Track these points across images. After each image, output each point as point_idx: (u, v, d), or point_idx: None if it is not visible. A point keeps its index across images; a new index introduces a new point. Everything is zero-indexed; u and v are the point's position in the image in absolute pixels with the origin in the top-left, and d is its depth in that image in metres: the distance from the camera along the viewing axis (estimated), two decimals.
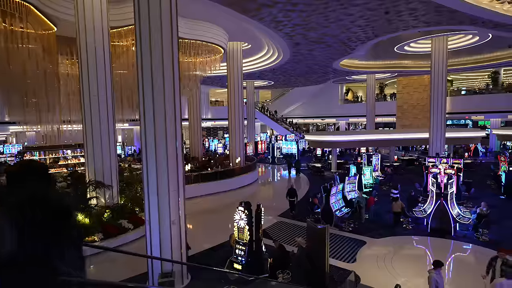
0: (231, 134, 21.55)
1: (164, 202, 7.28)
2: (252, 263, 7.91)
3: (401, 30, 15.86)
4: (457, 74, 39.31)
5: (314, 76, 31.07)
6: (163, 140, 7.19)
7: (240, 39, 20.15)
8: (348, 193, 13.88)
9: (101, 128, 11.72)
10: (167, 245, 7.35)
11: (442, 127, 19.92)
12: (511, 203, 14.86)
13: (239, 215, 7.98)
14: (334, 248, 10.28)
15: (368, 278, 8.31)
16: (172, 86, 7.39)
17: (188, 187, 17.44)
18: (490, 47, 22.16)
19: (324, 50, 20.04)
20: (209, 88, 42.73)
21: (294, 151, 30.81)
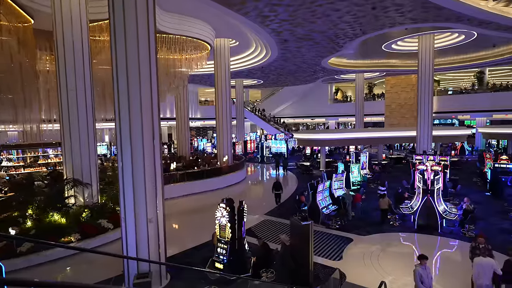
0: (218, 132, 21.20)
1: (141, 199, 6.92)
2: (234, 262, 7.60)
3: (388, 27, 15.82)
4: (444, 74, 39.88)
5: (303, 75, 31.00)
6: (139, 134, 6.83)
7: (227, 35, 19.84)
8: (336, 190, 13.70)
9: (79, 124, 11.24)
10: (144, 244, 6.98)
11: (429, 125, 20.02)
12: (496, 199, 14.93)
13: (221, 212, 7.67)
14: (320, 246, 10.06)
15: (354, 275, 8.10)
16: (149, 80, 7.02)
17: (173, 186, 17.26)
18: (476, 47, 22.46)
19: (312, 47, 19.92)
20: (198, 87, 42.27)
21: (284, 150, 30.61)
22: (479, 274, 6.34)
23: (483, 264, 6.34)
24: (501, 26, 15.91)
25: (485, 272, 6.28)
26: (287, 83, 37.56)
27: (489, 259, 6.47)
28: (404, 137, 23.13)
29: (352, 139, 22.24)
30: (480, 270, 6.33)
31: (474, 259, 6.61)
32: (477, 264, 6.41)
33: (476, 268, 6.43)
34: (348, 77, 34.23)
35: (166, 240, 10.86)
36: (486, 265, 6.32)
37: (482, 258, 6.51)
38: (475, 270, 6.42)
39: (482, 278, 6.30)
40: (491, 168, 16.29)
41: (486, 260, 6.39)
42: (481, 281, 6.30)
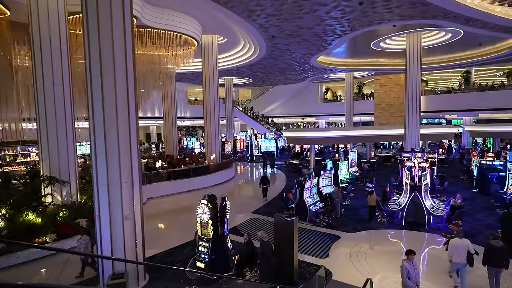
0: (206, 130, 20.85)
1: (116, 195, 6.55)
2: (216, 261, 7.29)
3: (376, 24, 15.75)
4: (432, 75, 40.37)
5: (293, 73, 30.86)
6: (113, 125, 6.46)
7: (214, 32, 19.51)
8: (324, 188, 13.52)
9: (57, 119, 10.76)
10: (119, 243, 6.61)
11: (417, 122, 20.06)
12: (483, 196, 15.00)
13: (202, 209, 7.35)
14: (307, 243, 9.84)
15: (340, 273, 7.90)
16: (125, 74, 6.63)
17: (159, 184, 16.83)
18: (462, 46, 22.67)
19: (301, 44, 19.75)
20: (188, 86, 41.75)
21: (273, 149, 30.42)
22: (453, 254, 6.84)
23: (458, 245, 6.84)
24: (487, 24, 16.02)
25: (460, 252, 6.79)
26: (277, 82, 37.37)
27: (464, 239, 6.93)
28: (393, 135, 23.17)
29: (340, 137, 22.15)
30: (455, 250, 6.82)
31: (450, 241, 7.10)
32: (452, 245, 6.90)
33: (451, 249, 6.92)
34: (337, 76, 34.25)
35: (148, 240, 10.51)
36: (461, 245, 6.81)
37: (457, 239, 6.97)
38: (450, 251, 6.92)
39: (457, 257, 6.80)
40: (478, 164, 16.37)
41: (461, 241, 6.88)
42: (457, 260, 6.80)
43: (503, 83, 30.74)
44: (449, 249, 7.02)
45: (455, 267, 6.95)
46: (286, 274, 6.90)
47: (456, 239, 7.02)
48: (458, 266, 6.90)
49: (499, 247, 6.62)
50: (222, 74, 31.13)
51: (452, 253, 6.87)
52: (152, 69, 17.32)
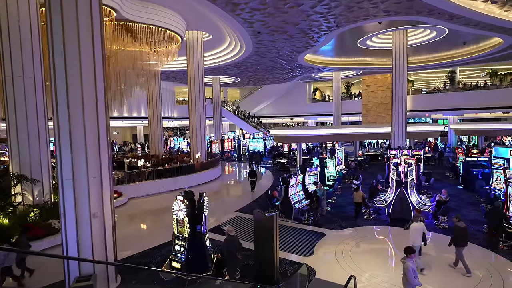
0: (191, 128, 20.39)
1: (82, 191, 6.08)
2: (193, 260, 6.89)
3: (361, 19, 15.62)
4: (418, 75, 40.87)
5: (280, 72, 30.64)
6: (79, 115, 6.00)
7: (199, 28, 19.10)
8: (310, 185, 13.25)
9: (27, 115, 10.18)
10: (87, 243, 6.14)
11: (403, 120, 20.05)
12: (468, 192, 15.02)
13: (178, 206, 6.94)
14: (292, 242, 9.53)
15: (324, 271, 7.60)
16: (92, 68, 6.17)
17: (141, 184, 16.25)
18: (447, 44, 22.86)
19: (287, 41, 19.51)
20: (175, 86, 41.08)
21: (261, 148, 30.12)
22: (413, 236, 7.50)
23: (417, 228, 7.51)
24: (470, 21, 16.09)
25: (418, 234, 7.50)
26: (265, 81, 37.12)
27: (420, 223, 7.62)
28: (380, 133, 23.15)
29: (328, 135, 21.99)
30: (414, 233, 7.50)
31: (411, 226, 7.71)
32: (413, 229, 7.55)
33: (411, 232, 7.57)
34: (325, 76, 34.24)
35: (125, 240, 10.04)
36: (418, 228, 7.50)
37: (415, 223, 7.63)
38: (411, 234, 7.54)
39: (417, 240, 7.47)
40: (463, 161, 16.42)
41: (418, 225, 7.55)
42: (416, 242, 7.44)
43: (487, 83, 31.28)
44: (410, 233, 7.59)
45: (417, 249, 7.44)
46: (267, 273, 6.55)
47: (415, 224, 7.62)
48: (417, 248, 7.52)
49: (463, 227, 7.60)
50: (209, 73, 30.71)
51: (412, 235, 7.51)
52: (133, 65, 16.74)
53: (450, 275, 7.35)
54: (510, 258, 8.10)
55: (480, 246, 8.90)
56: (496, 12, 15.63)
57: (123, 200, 14.42)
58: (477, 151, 17.54)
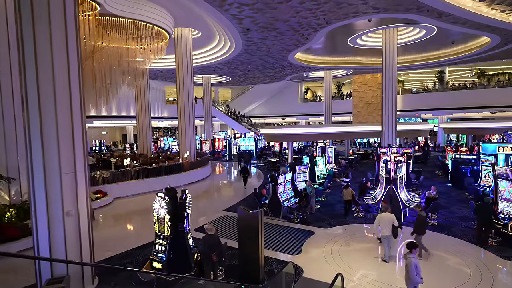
0: (180, 126, 20.05)
1: (55, 188, 5.72)
2: (175, 260, 6.58)
3: (351, 17, 15.52)
4: (408, 75, 41.21)
5: (271, 71, 30.46)
6: (51, 107, 5.65)
7: (187, 24, 18.77)
8: (299, 183, 13.05)
9: (3, 111, 9.72)
10: (60, 242, 5.78)
11: (393, 117, 20.04)
12: (457, 189, 15.04)
13: (159, 203, 6.63)
14: (280, 240, 9.28)
15: (312, 270, 7.37)
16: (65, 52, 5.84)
17: (128, 183, 15.81)
18: (436, 44, 23.00)
19: (277, 39, 19.32)
20: (165, 85, 40.54)
21: (252, 148, 29.89)
22: (380, 226, 7.56)
23: (384, 218, 7.55)
24: (458, 20, 16.15)
25: (386, 225, 7.50)
26: (256, 80, 36.90)
27: (389, 214, 7.66)
28: (370, 132, 23.15)
29: (318, 134, 21.89)
30: (381, 223, 7.53)
31: (378, 215, 7.78)
32: (381, 220, 7.57)
33: (380, 223, 7.58)
34: (317, 75, 34.19)
35: (107, 241, 9.68)
36: (387, 219, 7.52)
37: (383, 213, 7.67)
38: (380, 225, 7.58)
39: (384, 230, 7.49)
40: (452, 158, 16.45)
41: (386, 215, 7.59)
42: (385, 232, 7.47)
43: (475, 83, 31.68)
44: (375, 221, 7.74)
45: (384, 240, 7.59)
46: (251, 272, 6.29)
47: (382, 214, 7.72)
48: (385, 238, 7.57)
49: (424, 216, 7.87)
50: (199, 72, 30.35)
51: (378, 225, 7.59)
52: (119, 62, 16.29)
53: (439, 272, 7.21)
54: (499, 254, 8.01)
55: (469, 242, 8.80)
56: (484, 11, 15.73)
57: (108, 200, 13.98)
58: (465, 149, 17.62)
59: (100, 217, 12.39)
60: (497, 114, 33.16)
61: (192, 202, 14.72)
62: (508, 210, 8.83)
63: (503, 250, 8.21)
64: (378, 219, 7.71)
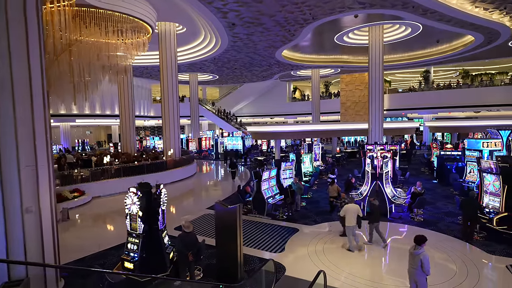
0: (164, 124, 19.52)
1: (12, 182, 5.22)
2: (149, 260, 6.15)
3: (337, 12, 15.35)
4: (394, 75, 41.64)
5: (258, 69, 30.16)
6: (7, 93, 5.14)
7: (171, 19, 18.27)
8: (285, 180, 12.75)
9: None
10: (18, 242, 5.28)
11: (380, 115, 20.03)
12: (443, 186, 15.05)
13: (131, 199, 6.19)
14: (263, 238, 8.95)
15: (295, 268, 7.06)
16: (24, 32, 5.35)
17: (108, 182, 15.18)
18: (421, 42, 23.16)
19: (264, 35, 19.01)
20: (152, 83, 39.73)
21: (240, 147, 29.53)
22: (347, 218, 7.81)
23: (351, 209, 7.84)
24: (443, 17, 16.21)
25: (352, 215, 7.80)
26: (244, 79, 36.55)
27: (354, 205, 8.03)
28: (357, 130, 23.12)
29: (305, 131, 21.69)
30: (348, 214, 7.82)
31: (344, 207, 8.03)
32: (346, 210, 7.88)
33: (346, 214, 7.84)
34: (304, 74, 34.10)
35: (81, 241, 9.16)
36: (353, 210, 7.83)
37: (349, 205, 7.98)
38: (346, 216, 7.84)
39: (350, 221, 7.77)
40: (438, 155, 16.49)
41: (352, 206, 7.92)
42: (351, 223, 7.76)
43: (459, 83, 32.19)
44: (341, 212, 8.05)
45: (349, 230, 7.81)
46: (230, 271, 5.92)
47: (348, 205, 7.97)
48: (351, 228, 7.80)
49: (377, 205, 8.27)
50: (185, 69, 29.79)
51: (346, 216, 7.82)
52: (98, 56, 15.63)
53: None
54: (484, 248, 7.89)
55: (455, 237, 8.67)
56: (468, 8, 15.84)
57: (85, 199, 13.37)
58: (451, 146, 17.72)
59: (77, 217, 11.82)
60: (480, 114, 33.82)
61: (176, 201, 14.28)
62: (493, 204, 8.74)
63: (489, 244, 8.10)
64: (344, 210, 7.95)
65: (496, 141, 12.93)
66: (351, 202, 8.17)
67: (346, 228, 7.93)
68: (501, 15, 16.74)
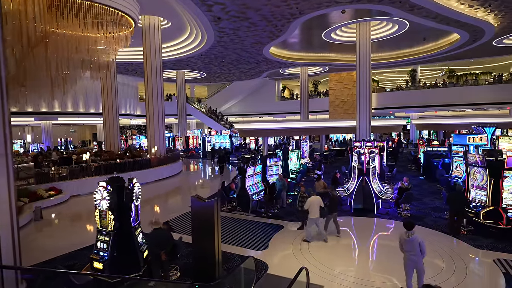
0: (148, 119, 18.94)
1: None
2: (120, 259, 5.71)
3: (324, 6, 15.14)
4: (382, 75, 41.93)
5: (246, 67, 29.78)
6: None
7: (155, 13, 17.73)
8: (271, 177, 12.43)
9: None
10: None
11: (368, 113, 19.96)
12: (429, 182, 15.02)
13: (100, 194, 5.74)
14: (247, 236, 8.61)
15: (278, 266, 6.74)
16: None
17: (87, 180, 14.49)
18: (408, 40, 23.23)
19: (250, 30, 18.66)
20: (139, 81, 38.84)
21: (228, 145, 29.12)
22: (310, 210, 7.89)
23: (314, 201, 7.93)
24: (429, 13, 16.22)
25: (316, 207, 7.89)
26: (232, 77, 36.10)
27: (316, 196, 8.13)
28: (345, 127, 23.03)
29: (293, 128, 21.46)
30: (312, 207, 7.88)
31: (307, 200, 8.02)
32: (310, 203, 7.92)
33: (310, 206, 7.90)
34: (293, 72, 33.91)
35: (55, 241, 8.63)
36: (316, 202, 7.93)
37: (312, 197, 8.05)
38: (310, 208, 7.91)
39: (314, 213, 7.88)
40: (424, 152, 16.48)
41: (315, 198, 8.02)
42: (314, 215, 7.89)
43: (445, 82, 32.59)
44: (305, 205, 7.99)
45: (312, 222, 7.97)
46: (207, 270, 5.55)
47: (311, 197, 8.02)
48: (314, 220, 7.93)
49: (336, 196, 8.57)
50: (171, 66, 29.17)
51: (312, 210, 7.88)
52: (77, 49, 14.94)
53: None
54: (471, 243, 7.74)
55: (442, 232, 8.51)
56: (454, 5, 15.87)
57: (62, 198, 12.75)
58: (437, 143, 17.77)
59: (53, 216, 11.23)
60: (465, 113, 34.38)
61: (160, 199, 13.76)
62: (479, 198, 8.62)
63: (476, 239, 7.96)
64: (308, 203, 7.95)
65: (481, 136, 12.93)
66: (311, 195, 8.24)
67: (309, 220, 8.01)
68: (486, 12, 16.86)
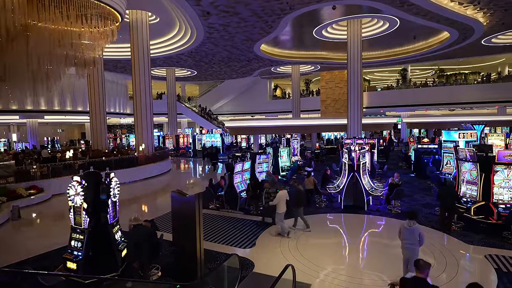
0: (136, 117, 18.50)
1: None
2: (96, 258, 5.38)
3: (315, 1, 14.95)
4: (373, 74, 42.12)
5: (237, 64, 29.47)
6: None
7: (143, 7, 17.31)
8: (260, 174, 12.16)
9: None
10: None
11: (359, 111, 19.86)
12: (420, 179, 14.96)
13: (74, 189, 5.40)
14: (234, 234, 8.33)
15: (265, 264, 6.48)
16: None
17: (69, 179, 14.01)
18: (399, 38, 23.25)
19: (240, 26, 18.37)
20: (128, 80, 38.13)
21: (219, 144, 28.74)
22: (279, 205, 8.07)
23: (282, 196, 8.15)
24: (420, 11, 16.18)
25: (283, 201, 8.07)
26: (223, 75, 35.74)
27: (283, 191, 8.41)
28: (336, 125, 22.92)
29: (284, 126, 21.26)
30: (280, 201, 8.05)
31: (277, 196, 8.22)
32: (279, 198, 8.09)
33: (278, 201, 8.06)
34: (285, 70, 33.74)
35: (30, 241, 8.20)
36: (284, 196, 8.14)
37: (280, 192, 8.33)
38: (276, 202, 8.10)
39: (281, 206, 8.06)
40: (415, 149, 16.43)
41: (282, 193, 8.25)
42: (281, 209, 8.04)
43: (435, 81, 32.86)
44: (275, 200, 8.11)
45: (281, 216, 8.02)
46: (189, 269, 5.25)
47: (280, 192, 8.23)
48: (282, 215, 8.05)
49: (301, 190, 8.68)
50: (161, 63, 28.69)
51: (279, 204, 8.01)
52: (60, 43, 14.40)
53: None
54: (462, 239, 7.61)
55: (432, 228, 8.37)
56: (443, 2, 15.86)
57: (44, 197, 12.26)
58: (427, 140, 17.77)
59: (33, 216, 10.76)
60: (454, 112, 34.72)
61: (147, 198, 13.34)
62: (470, 193, 8.50)
63: (466, 234, 7.83)
64: (278, 198, 8.06)
65: (471, 132, 12.91)
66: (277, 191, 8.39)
67: (277, 215, 8.04)
68: (475, 10, 16.91)
